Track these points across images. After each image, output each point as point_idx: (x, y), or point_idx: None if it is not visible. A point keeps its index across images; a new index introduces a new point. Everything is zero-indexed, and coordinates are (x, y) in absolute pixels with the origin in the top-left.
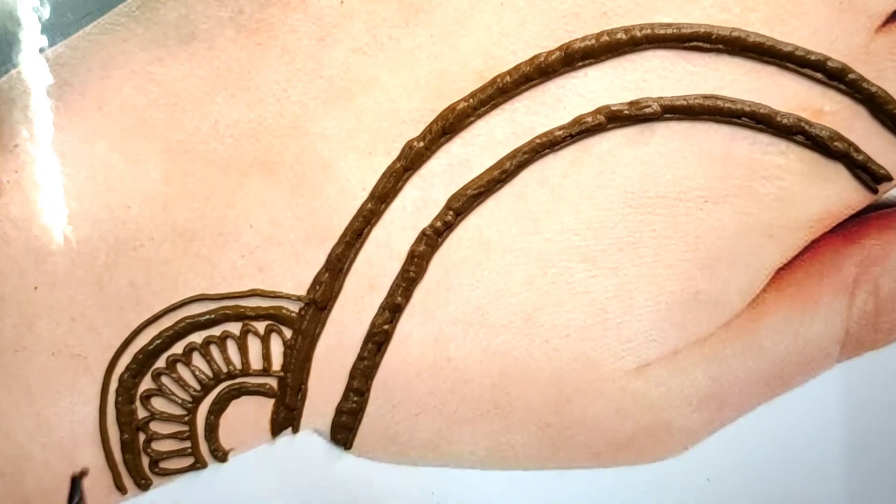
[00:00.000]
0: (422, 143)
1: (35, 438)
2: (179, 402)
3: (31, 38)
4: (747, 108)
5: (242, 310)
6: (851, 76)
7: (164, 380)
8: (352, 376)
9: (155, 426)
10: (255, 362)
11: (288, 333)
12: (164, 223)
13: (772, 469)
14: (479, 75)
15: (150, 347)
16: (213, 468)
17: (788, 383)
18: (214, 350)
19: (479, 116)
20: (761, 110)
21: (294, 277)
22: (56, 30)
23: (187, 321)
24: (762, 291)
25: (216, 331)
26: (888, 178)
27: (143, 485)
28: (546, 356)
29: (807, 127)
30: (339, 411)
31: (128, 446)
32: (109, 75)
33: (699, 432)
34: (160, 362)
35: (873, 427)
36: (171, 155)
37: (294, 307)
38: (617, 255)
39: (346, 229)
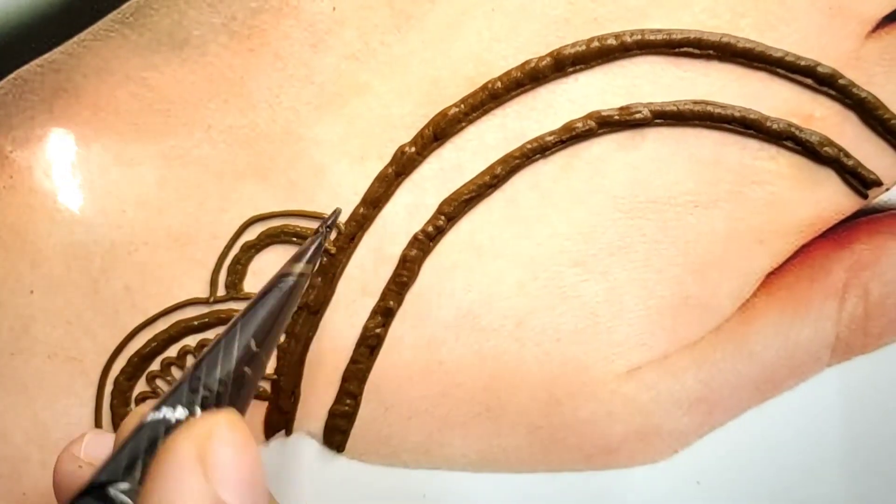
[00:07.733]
0: (413, 149)
1: (32, 440)
2: None
3: (25, 45)
4: (737, 114)
5: (236, 313)
6: (841, 81)
7: (159, 382)
8: (345, 379)
9: None
10: None
11: (281, 337)
12: (158, 227)
13: (762, 472)
14: (471, 81)
15: (145, 350)
16: None
17: (778, 387)
18: None
19: (471, 122)
20: (751, 115)
21: None
22: (50, 36)
23: (181, 324)
24: (752, 296)
25: (210, 334)
26: (878, 183)
27: None
28: (537, 360)
29: (797, 132)
30: (332, 414)
31: None
32: (104, 81)
33: (689, 435)
34: (154, 365)
35: (864, 430)
36: (166, 160)
37: None
38: (608, 259)
39: (339, 234)
